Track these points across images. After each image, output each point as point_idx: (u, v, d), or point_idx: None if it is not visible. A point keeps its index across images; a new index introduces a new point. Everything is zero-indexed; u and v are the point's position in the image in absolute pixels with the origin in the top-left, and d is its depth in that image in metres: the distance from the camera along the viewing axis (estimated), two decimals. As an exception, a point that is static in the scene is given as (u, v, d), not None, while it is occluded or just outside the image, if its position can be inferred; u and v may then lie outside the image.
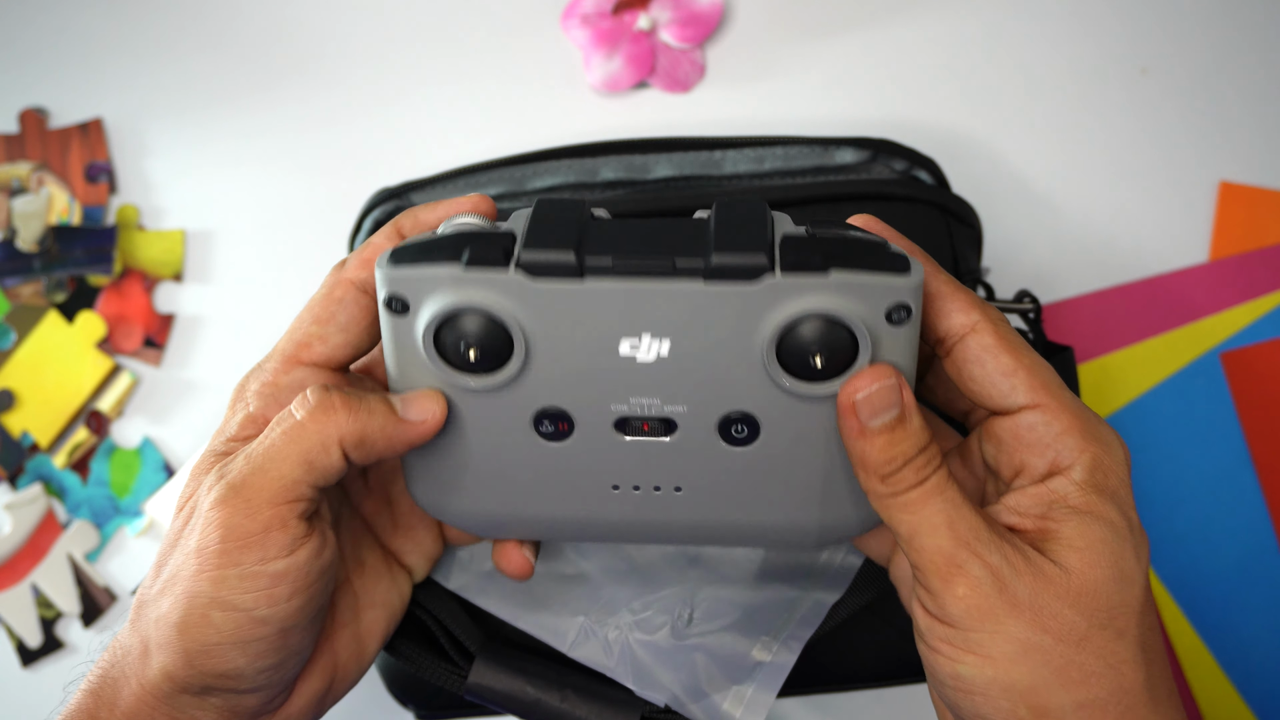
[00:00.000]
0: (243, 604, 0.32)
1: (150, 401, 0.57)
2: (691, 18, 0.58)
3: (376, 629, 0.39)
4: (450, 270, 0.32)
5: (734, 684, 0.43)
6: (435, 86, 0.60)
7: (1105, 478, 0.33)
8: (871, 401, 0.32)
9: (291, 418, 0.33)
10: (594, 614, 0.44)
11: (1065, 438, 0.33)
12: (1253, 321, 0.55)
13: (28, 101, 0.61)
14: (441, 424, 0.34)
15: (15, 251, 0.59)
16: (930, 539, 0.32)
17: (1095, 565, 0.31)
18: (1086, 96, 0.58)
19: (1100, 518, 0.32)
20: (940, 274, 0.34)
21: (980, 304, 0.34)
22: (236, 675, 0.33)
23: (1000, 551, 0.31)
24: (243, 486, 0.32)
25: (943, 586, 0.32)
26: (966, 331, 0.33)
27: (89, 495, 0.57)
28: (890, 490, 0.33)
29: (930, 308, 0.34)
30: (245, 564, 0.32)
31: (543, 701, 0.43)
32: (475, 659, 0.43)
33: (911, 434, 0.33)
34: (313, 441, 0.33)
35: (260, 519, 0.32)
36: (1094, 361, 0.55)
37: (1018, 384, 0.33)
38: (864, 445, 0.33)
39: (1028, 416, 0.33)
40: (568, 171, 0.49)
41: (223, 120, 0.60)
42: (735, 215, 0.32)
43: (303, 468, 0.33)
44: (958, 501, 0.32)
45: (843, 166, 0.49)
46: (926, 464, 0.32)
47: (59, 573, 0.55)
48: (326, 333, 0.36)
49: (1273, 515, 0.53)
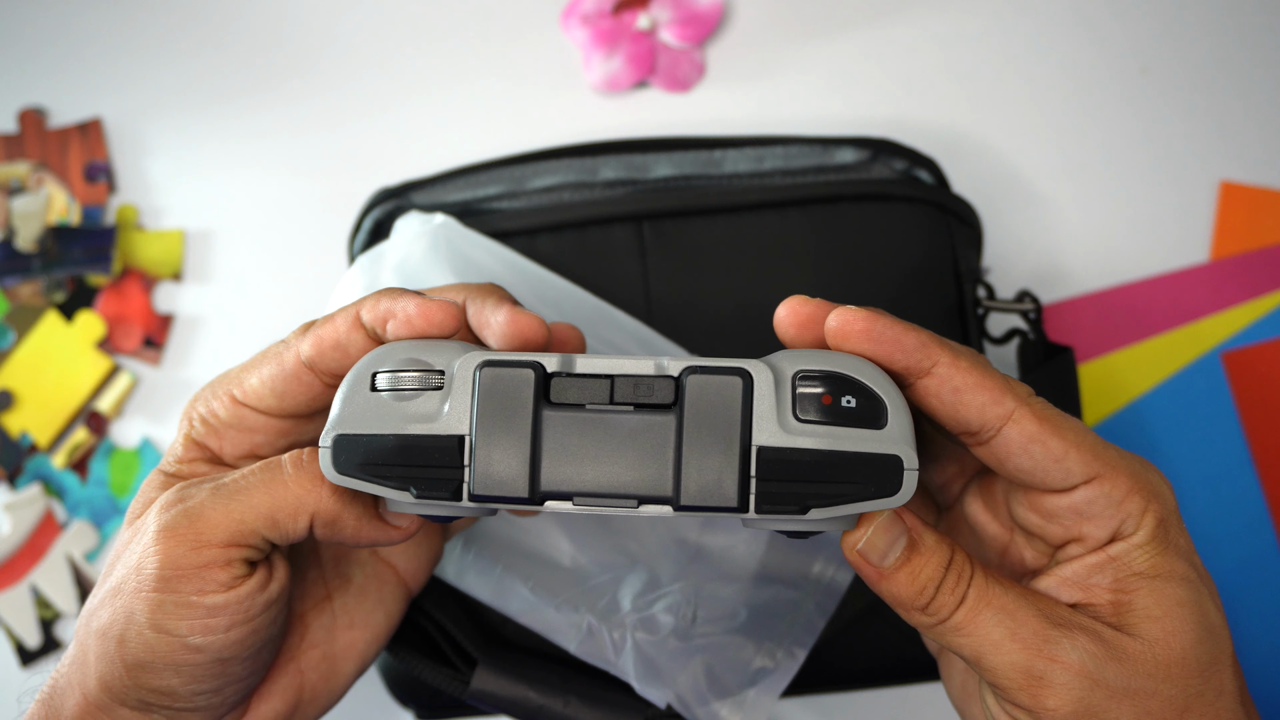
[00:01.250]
0: (177, 630, 0.31)
1: (149, 401, 0.57)
2: (691, 17, 0.58)
3: (354, 651, 0.38)
4: (400, 496, 0.30)
5: (736, 689, 0.43)
6: (435, 86, 0.60)
7: (1167, 532, 0.31)
8: (874, 544, 0.31)
9: (278, 471, 0.33)
10: (597, 611, 0.44)
11: (1127, 503, 0.31)
12: (1253, 321, 0.55)
13: (27, 101, 0.61)
14: (415, 533, 0.34)
15: (14, 251, 0.59)
16: (997, 657, 0.30)
17: (1180, 631, 0.30)
18: (1086, 96, 0.58)
19: (1172, 577, 0.31)
20: (960, 361, 0.31)
21: (1010, 386, 0.32)
22: (171, 694, 0.32)
23: (1076, 645, 0.30)
24: (197, 518, 0.32)
25: (1032, 701, 0.30)
26: (1003, 423, 0.31)
27: (88, 495, 0.56)
28: (935, 619, 0.31)
29: (957, 404, 0.31)
30: (182, 593, 0.31)
31: (546, 708, 0.43)
32: (478, 664, 0.43)
33: (930, 556, 0.31)
34: (287, 503, 0.32)
35: (203, 555, 0.31)
36: (1094, 361, 0.55)
37: (1072, 466, 0.31)
38: (889, 587, 0.32)
39: (1085, 492, 0.31)
40: (568, 171, 0.49)
41: (222, 120, 0.60)
42: (705, 419, 0.28)
43: (265, 522, 0.32)
44: (1008, 607, 0.31)
45: (843, 166, 0.49)
46: (958, 580, 0.31)
47: (58, 573, 0.55)
48: (263, 394, 0.35)
49: (1273, 515, 0.53)
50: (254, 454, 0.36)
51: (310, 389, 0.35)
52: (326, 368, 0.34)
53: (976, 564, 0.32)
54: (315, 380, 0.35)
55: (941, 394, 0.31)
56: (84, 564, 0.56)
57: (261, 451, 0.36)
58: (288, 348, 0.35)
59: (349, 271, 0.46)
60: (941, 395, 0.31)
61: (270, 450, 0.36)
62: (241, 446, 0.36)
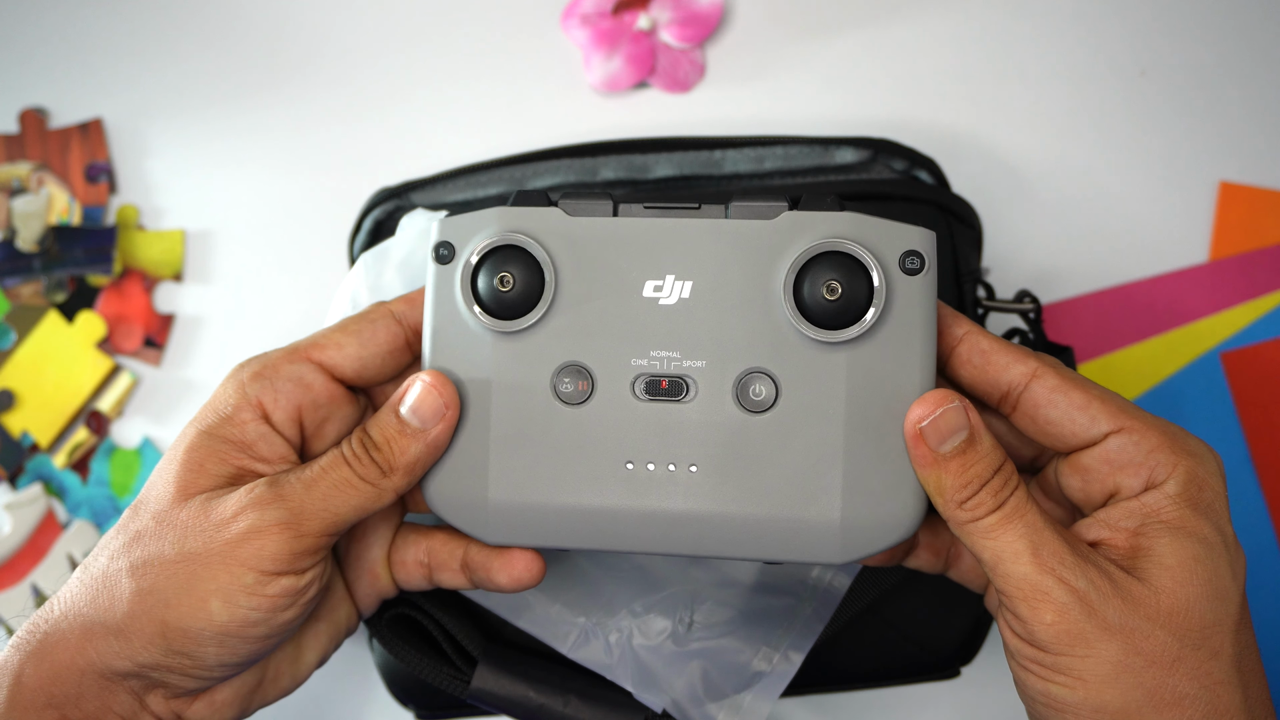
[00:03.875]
0: (245, 605, 0.33)
1: (150, 401, 0.57)
2: (691, 18, 0.58)
3: (317, 643, 0.39)
4: (497, 211, 0.35)
5: (732, 693, 0.43)
6: (435, 86, 0.60)
7: (1200, 491, 0.32)
8: (938, 426, 0.32)
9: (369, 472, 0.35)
10: (595, 614, 0.44)
11: (1157, 454, 0.32)
12: (1253, 321, 0.55)
13: (28, 101, 0.61)
14: (451, 428, 0.35)
15: (15, 251, 0.59)
16: (1014, 565, 0.31)
17: (1187, 583, 0.31)
18: (1086, 97, 0.58)
19: (1194, 534, 0.31)
20: (985, 333, 0.34)
21: (1031, 351, 0.34)
22: (196, 660, 0.33)
23: (1085, 575, 0.31)
24: (298, 513, 0.33)
25: (1030, 613, 0.31)
26: (1028, 380, 0.33)
27: (89, 495, 0.57)
28: (970, 516, 0.32)
29: (986, 364, 0.34)
30: (266, 576, 0.33)
31: (546, 707, 0.43)
32: (478, 664, 0.43)
33: (984, 455, 0.32)
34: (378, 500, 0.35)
35: (301, 544, 0.33)
36: (1094, 361, 0.55)
37: (1097, 414, 0.33)
38: (938, 473, 0.32)
39: (1115, 440, 0.33)
40: (568, 171, 0.49)
41: (223, 120, 0.60)
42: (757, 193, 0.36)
43: (358, 515, 0.34)
44: (1038, 524, 0.32)
45: (843, 166, 0.49)
46: (1003, 485, 0.32)
47: (59, 573, 0.55)
48: (344, 340, 0.36)
49: (1273, 515, 0.53)
50: (299, 416, 0.36)
51: (393, 339, 0.37)
52: (415, 321, 0.37)
53: (1021, 481, 0.33)
54: (401, 331, 0.37)
55: (972, 358, 0.34)
56: (85, 564, 0.56)
57: (307, 415, 0.37)
58: (374, 307, 0.37)
59: (352, 270, 0.46)
60: (972, 359, 0.34)
61: (315, 414, 0.37)
62: (291, 404, 0.36)
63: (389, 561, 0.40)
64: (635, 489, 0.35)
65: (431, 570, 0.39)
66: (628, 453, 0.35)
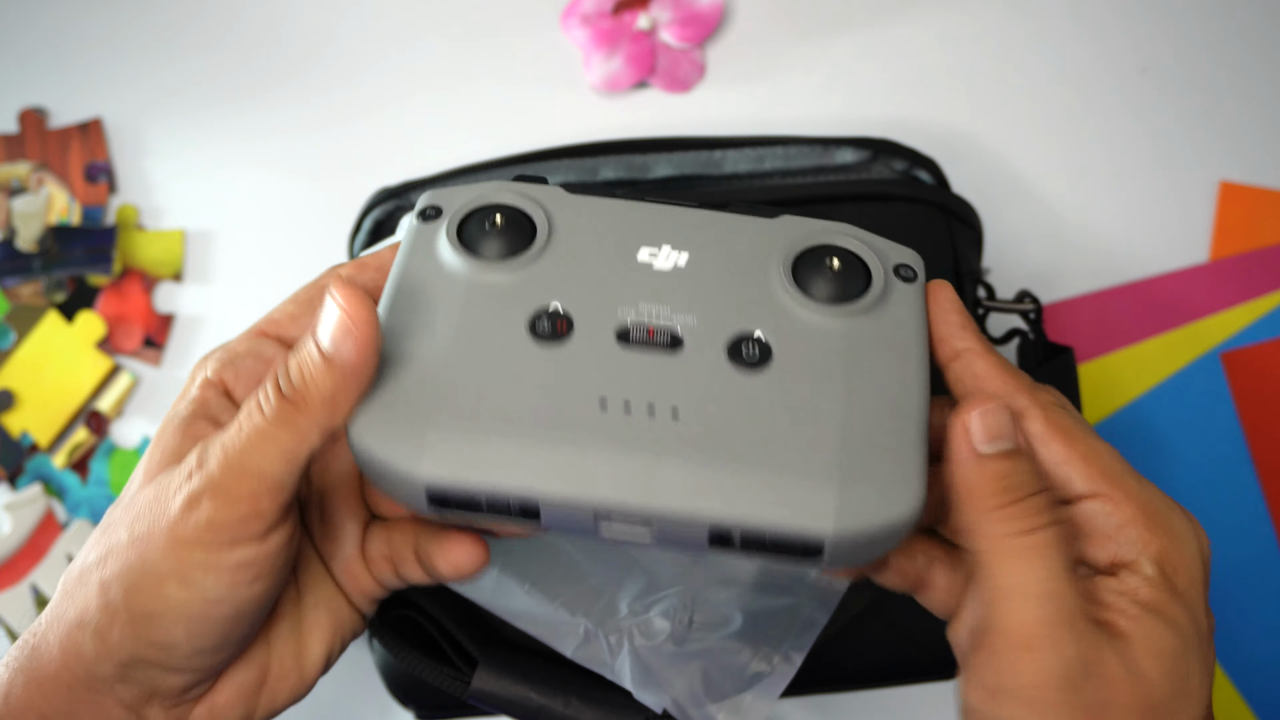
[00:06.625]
0: (201, 584, 0.30)
1: (150, 401, 0.57)
2: (691, 18, 0.58)
3: (319, 634, 0.37)
4: (492, 183, 0.35)
5: (733, 693, 0.43)
6: (435, 86, 0.60)
7: (1175, 576, 0.30)
8: (988, 423, 0.29)
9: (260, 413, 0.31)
10: (594, 615, 0.44)
11: (1127, 530, 0.30)
12: (1253, 321, 0.55)
13: (27, 101, 0.61)
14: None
15: (15, 251, 0.59)
16: (1021, 605, 0.29)
17: (1167, 679, 0.29)
18: (1086, 96, 0.58)
19: (1171, 624, 0.29)
20: (989, 356, 0.32)
21: (1030, 388, 0.31)
22: (170, 649, 0.31)
23: (1080, 647, 0.29)
24: (235, 470, 0.30)
25: (1010, 662, 0.29)
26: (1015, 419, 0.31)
27: (89, 495, 0.57)
28: (1002, 529, 0.29)
29: (977, 389, 0.32)
30: (216, 547, 0.30)
31: (546, 708, 0.43)
32: (478, 665, 0.43)
33: (1028, 469, 0.30)
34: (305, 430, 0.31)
35: (241, 509, 0.30)
36: (1094, 361, 0.55)
37: (1072, 473, 0.31)
38: (976, 471, 0.29)
39: (1087, 507, 0.31)
40: (567, 171, 0.49)
41: (223, 120, 0.60)
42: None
43: (286, 463, 0.31)
44: (1062, 572, 0.29)
45: (843, 166, 0.49)
46: (1040, 510, 0.29)
47: (59, 573, 0.55)
48: (296, 310, 0.35)
49: (1273, 515, 0.53)
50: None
51: None
52: (365, 284, 0.35)
53: (1066, 522, 0.30)
54: None
55: (963, 378, 0.33)
56: (84, 564, 0.56)
57: None
58: (324, 276, 0.36)
59: None
60: (963, 380, 0.33)
61: None
62: (252, 378, 0.35)
63: (365, 559, 0.38)
64: (607, 430, 0.30)
65: (395, 564, 0.37)
66: (603, 390, 0.31)
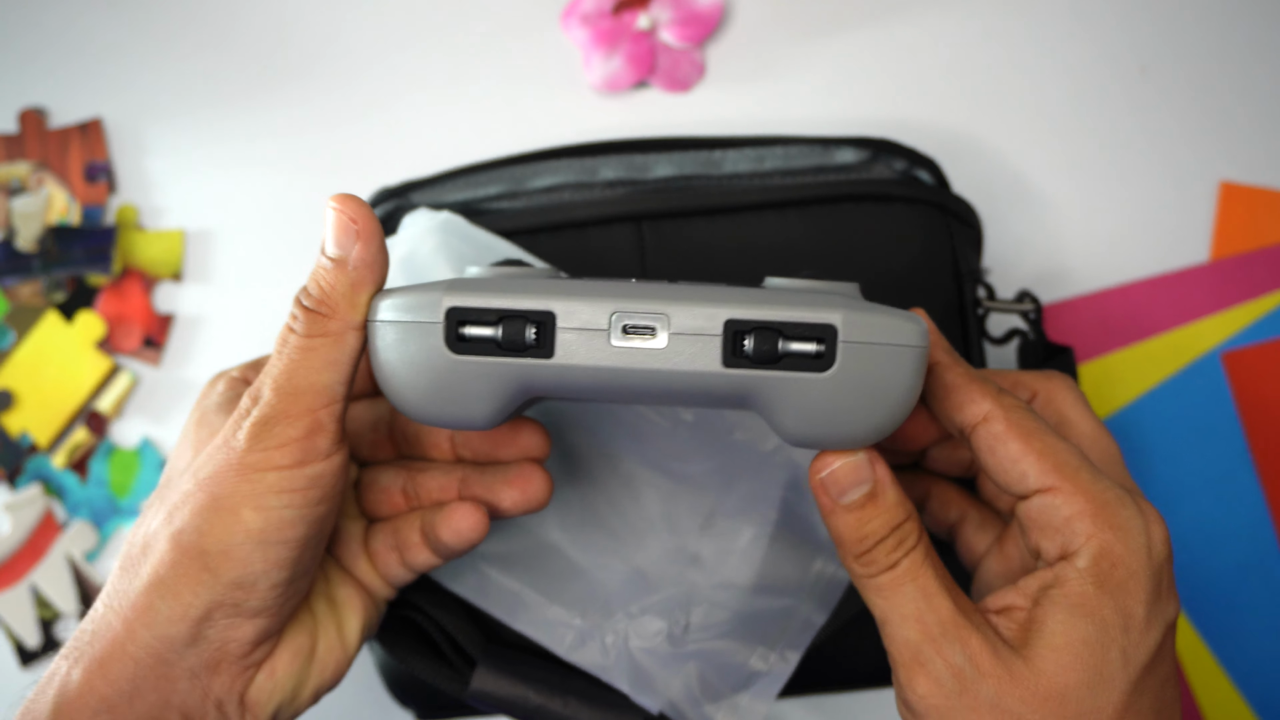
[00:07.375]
0: (276, 505, 0.32)
1: (150, 401, 0.57)
2: (691, 17, 0.58)
3: (354, 607, 0.38)
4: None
5: (729, 694, 0.43)
6: (435, 86, 0.60)
7: (1112, 568, 0.31)
8: (837, 479, 0.32)
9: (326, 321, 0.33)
10: (591, 616, 0.44)
11: (1075, 522, 0.31)
12: (1253, 321, 0.55)
13: (27, 101, 0.61)
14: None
15: (14, 251, 0.59)
16: (899, 629, 0.31)
17: (1069, 669, 0.30)
18: (1086, 96, 0.58)
19: (1091, 615, 0.30)
20: (957, 366, 0.34)
21: (995, 394, 0.33)
22: (248, 585, 0.32)
23: (965, 649, 0.30)
24: (294, 390, 0.32)
25: (906, 679, 0.31)
26: (978, 422, 0.33)
27: (88, 495, 0.57)
28: (865, 571, 0.32)
29: (945, 398, 0.34)
30: (283, 465, 0.32)
31: (545, 708, 0.43)
32: (477, 665, 0.43)
33: (883, 511, 0.32)
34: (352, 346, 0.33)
35: (304, 424, 0.32)
36: (1094, 361, 0.55)
37: (1026, 470, 0.32)
38: (835, 523, 0.32)
39: (1038, 501, 0.32)
40: (568, 171, 0.49)
41: (222, 120, 0.60)
42: None
43: (332, 371, 0.33)
44: (930, 589, 0.31)
45: (843, 166, 0.49)
46: (898, 545, 0.32)
47: (58, 573, 0.55)
48: None
49: (1273, 515, 0.53)
50: None
51: None
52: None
53: (925, 540, 0.32)
54: None
55: (935, 390, 0.35)
56: (84, 564, 0.56)
57: None
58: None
59: None
60: (935, 391, 0.35)
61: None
62: None
63: (370, 558, 0.40)
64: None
65: (401, 553, 0.39)
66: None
